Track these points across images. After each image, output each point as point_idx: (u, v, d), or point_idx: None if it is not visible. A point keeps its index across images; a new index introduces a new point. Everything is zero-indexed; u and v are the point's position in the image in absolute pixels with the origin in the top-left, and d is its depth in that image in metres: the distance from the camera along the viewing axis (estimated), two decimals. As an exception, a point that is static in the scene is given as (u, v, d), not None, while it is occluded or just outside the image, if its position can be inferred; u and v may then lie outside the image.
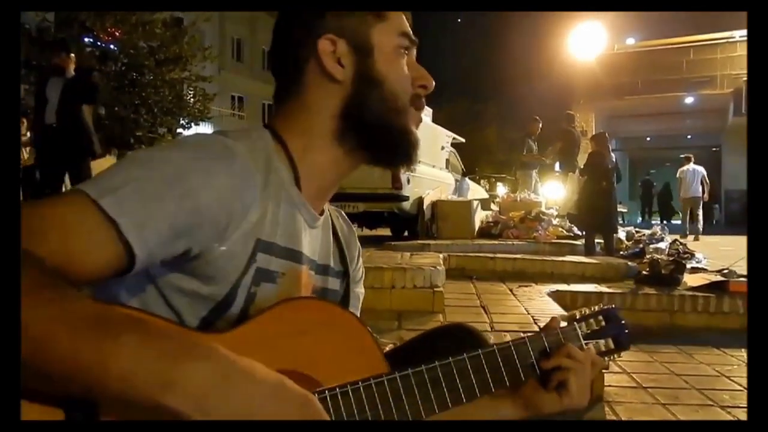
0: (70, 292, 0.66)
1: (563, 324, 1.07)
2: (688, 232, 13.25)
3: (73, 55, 6.30)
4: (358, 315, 1.11)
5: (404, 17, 1.00)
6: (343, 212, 1.17)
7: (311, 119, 0.96)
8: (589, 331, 1.07)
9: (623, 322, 1.10)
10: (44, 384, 0.63)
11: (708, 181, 14.00)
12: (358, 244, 1.17)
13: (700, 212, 13.87)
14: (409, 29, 1.00)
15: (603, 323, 1.09)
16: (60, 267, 0.69)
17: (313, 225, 0.99)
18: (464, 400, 0.91)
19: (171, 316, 0.85)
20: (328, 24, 0.94)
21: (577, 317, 1.09)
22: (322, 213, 1.02)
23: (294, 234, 0.94)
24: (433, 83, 1.01)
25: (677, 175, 14.45)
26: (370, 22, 0.95)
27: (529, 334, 1.04)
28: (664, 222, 19.34)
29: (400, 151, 0.99)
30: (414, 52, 1.01)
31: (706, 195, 13.93)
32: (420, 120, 1.01)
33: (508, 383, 0.97)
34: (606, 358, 1.08)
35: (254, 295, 0.88)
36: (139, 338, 0.64)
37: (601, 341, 1.08)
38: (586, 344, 1.05)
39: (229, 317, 0.86)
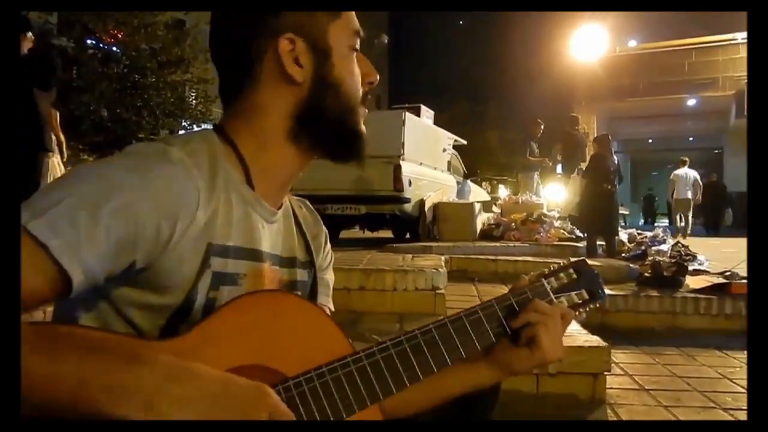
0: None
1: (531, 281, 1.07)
2: (681, 233, 13.51)
3: (30, 34, 5.38)
4: (330, 301, 1.12)
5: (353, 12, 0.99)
6: (307, 201, 1.15)
7: (264, 119, 0.94)
8: (559, 285, 1.07)
9: (595, 272, 1.10)
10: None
11: (701, 184, 14.57)
12: (324, 230, 1.16)
13: (690, 214, 14.51)
14: (358, 25, 0.98)
15: (574, 276, 1.09)
16: None
17: (271, 220, 0.97)
18: (435, 370, 0.91)
19: (129, 330, 0.84)
20: (287, 22, 0.91)
21: (546, 273, 1.09)
22: (280, 207, 1.01)
23: (250, 233, 0.92)
24: (378, 77, 1.01)
25: (670, 177, 15.07)
26: (326, 20, 0.93)
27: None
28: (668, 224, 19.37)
29: (352, 149, 0.99)
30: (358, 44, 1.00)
31: (699, 197, 14.48)
32: (366, 114, 1.01)
33: (478, 347, 0.97)
34: (581, 310, 1.07)
35: (214, 300, 0.86)
36: (79, 355, 0.66)
37: (574, 293, 1.07)
38: (557, 298, 1.05)
39: (190, 324, 0.83)
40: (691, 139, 26.27)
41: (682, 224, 14.38)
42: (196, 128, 17.03)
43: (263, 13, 0.92)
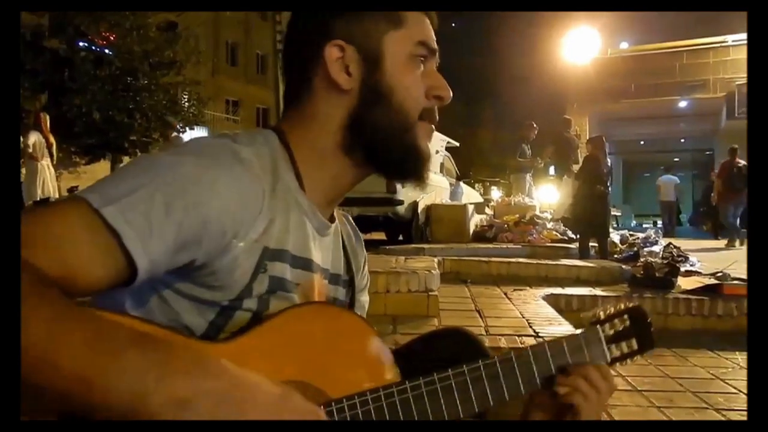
0: (70, 306, 0.64)
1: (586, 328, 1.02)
2: (668, 231, 14.83)
3: None
4: None
5: (426, 23, 0.95)
6: (350, 217, 1.13)
7: (317, 129, 0.92)
8: (612, 333, 1.03)
9: (649, 321, 1.05)
10: (45, 400, 0.61)
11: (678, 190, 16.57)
12: (365, 251, 1.14)
13: (675, 213, 16.93)
14: (430, 36, 0.95)
15: (627, 323, 1.04)
16: (60, 279, 0.67)
17: (324, 233, 0.96)
18: (476, 410, 0.89)
19: (175, 321, 0.83)
20: (338, 29, 0.90)
21: (602, 318, 1.03)
22: (332, 220, 0.99)
23: (304, 242, 0.91)
24: (450, 94, 0.96)
25: (656, 183, 16.92)
26: (383, 29, 0.91)
27: (549, 338, 0.99)
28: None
29: (407, 167, 0.95)
30: (434, 60, 0.96)
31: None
32: (431, 132, 0.96)
33: (523, 391, 0.93)
34: (628, 361, 1.03)
35: (267, 303, 0.85)
36: (143, 355, 0.62)
37: (624, 343, 1.03)
38: (608, 347, 1.01)
39: (239, 322, 0.83)
40: (682, 140, 26.36)
41: (669, 224, 16.04)
42: (189, 130, 17.11)
43: (315, 21, 0.91)
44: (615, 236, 7.94)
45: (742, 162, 11.07)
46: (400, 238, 8.27)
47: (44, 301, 0.62)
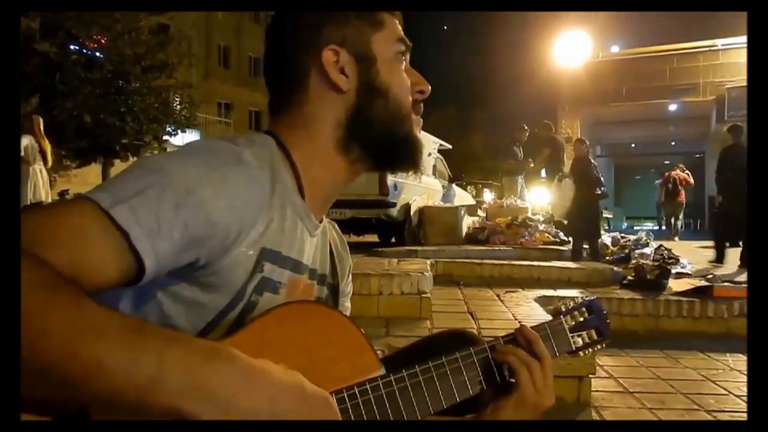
0: (87, 298, 0.65)
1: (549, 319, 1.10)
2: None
3: None
4: None
5: (397, 21, 1.01)
6: (335, 224, 1.16)
7: (315, 130, 0.96)
8: (574, 323, 1.11)
9: (604, 312, 1.15)
10: (55, 390, 0.61)
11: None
12: (350, 258, 1.17)
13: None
14: (403, 33, 1.01)
15: (586, 315, 1.13)
16: (69, 277, 0.67)
17: (314, 233, 0.98)
18: (457, 400, 0.92)
19: (167, 324, 0.83)
20: (329, 35, 0.95)
21: (563, 310, 1.12)
22: (321, 221, 1.02)
23: (297, 243, 0.93)
24: (429, 87, 1.03)
25: (654, 184, 18.05)
26: (368, 32, 0.97)
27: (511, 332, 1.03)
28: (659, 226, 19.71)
29: (406, 157, 1.01)
30: (408, 56, 1.02)
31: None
32: (420, 123, 1.03)
33: (498, 381, 0.98)
34: (590, 350, 1.12)
35: (255, 304, 0.87)
36: (163, 344, 0.64)
37: (585, 332, 1.12)
38: (572, 336, 1.09)
39: (226, 324, 0.85)
40: (673, 143, 26.50)
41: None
42: (180, 133, 17.06)
43: (306, 30, 0.96)
44: (606, 238, 7.98)
45: (680, 175, 14.85)
46: (393, 240, 8.26)
47: (66, 289, 0.63)
